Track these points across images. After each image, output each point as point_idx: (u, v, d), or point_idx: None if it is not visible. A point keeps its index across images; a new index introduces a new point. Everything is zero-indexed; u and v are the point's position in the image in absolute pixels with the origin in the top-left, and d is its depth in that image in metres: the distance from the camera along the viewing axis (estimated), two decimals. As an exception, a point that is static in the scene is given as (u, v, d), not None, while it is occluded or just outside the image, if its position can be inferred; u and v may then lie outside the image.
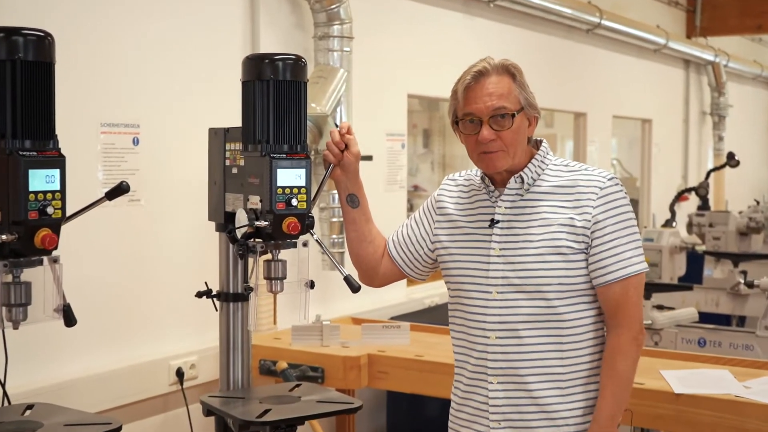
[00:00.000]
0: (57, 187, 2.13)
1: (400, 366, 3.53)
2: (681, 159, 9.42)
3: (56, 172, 2.13)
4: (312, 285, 2.58)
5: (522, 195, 2.32)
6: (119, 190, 2.35)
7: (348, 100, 4.11)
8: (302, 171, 2.49)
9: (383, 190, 4.81)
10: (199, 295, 2.90)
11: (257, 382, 3.29)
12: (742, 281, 5.54)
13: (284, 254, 2.59)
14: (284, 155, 2.48)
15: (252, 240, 2.53)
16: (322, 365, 3.55)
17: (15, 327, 2.17)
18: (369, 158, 4.10)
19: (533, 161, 2.33)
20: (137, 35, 3.43)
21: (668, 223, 6.20)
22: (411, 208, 6.19)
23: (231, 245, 2.77)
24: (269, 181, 2.46)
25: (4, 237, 2.07)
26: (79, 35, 3.21)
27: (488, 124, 2.25)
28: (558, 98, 6.82)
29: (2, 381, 2.62)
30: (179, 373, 3.51)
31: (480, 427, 2.33)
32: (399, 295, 4.93)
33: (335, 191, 2.52)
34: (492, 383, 2.30)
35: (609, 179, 2.28)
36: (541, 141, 2.39)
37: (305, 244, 2.59)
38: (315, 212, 3.68)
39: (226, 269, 2.90)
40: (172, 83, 3.58)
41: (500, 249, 2.30)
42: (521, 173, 2.32)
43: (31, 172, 2.08)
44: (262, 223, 2.48)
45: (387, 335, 3.76)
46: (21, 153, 2.08)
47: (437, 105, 7.91)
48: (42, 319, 2.23)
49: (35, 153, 2.10)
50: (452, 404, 2.44)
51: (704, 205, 7.03)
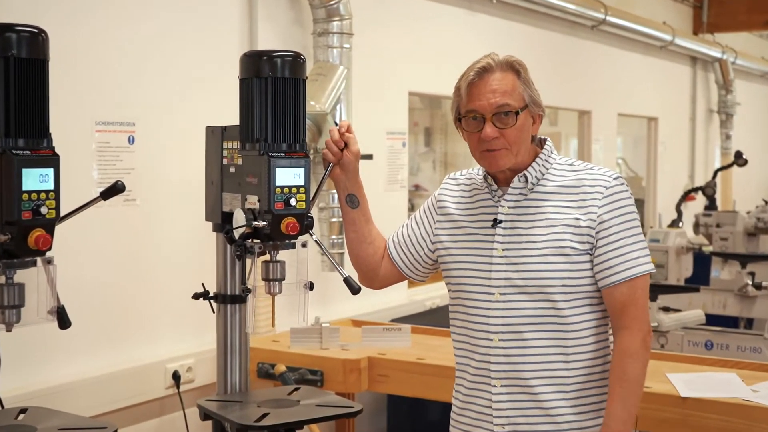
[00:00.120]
0: (51, 187, 2.13)
1: (401, 369, 3.53)
2: (687, 158, 9.41)
3: (50, 172, 2.13)
4: (311, 286, 2.57)
5: (526, 194, 2.32)
6: (114, 190, 2.35)
7: (348, 98, 4.11)
8: (301, 170, 2.49)
9: (384, 190, 4.81)
10: (196, 297, 2.90)
11: (255, 386, 3.29)
12: (750, 283, 5.54)
13: (283, 255, 2.59)
14: (283, 154, 2.48)
15: (250, 240, 2.53)
16: (322, 368, 3.55)
17: (8, 329, 2.17)
18: (369, 157, 4.10)
19: (537, 160, 2.33)
20: (133, 31, 3.43)
21: (674, 224, 6.19)
22: (412, 208, 6.19)
23: (228, 246, 2.77)
24: (267, 181, 2.46)
25: (-3, 237, 2.07)
26: (74, 31, 3.21)
27: (491, 122, 2.25)
28: (562, 96, 6.81)
29: (-5, 384, 2.62)
30: (176, 377, 3.51)
31: (483, 432, 2.33)
32: (400, 297, 4.93)
33: (335, 191, 2.52)
34: (495, 386, 2.29)
35: (614, 179, 2.28)
36: (545, 139, 2.39)
37: (304, 245, 2.59)
38: (314, 212, 3.68)
39: (224, 270, 2.90)
40: (169, 81, 3.58)
41: (503, 249, 2.30)
42: (525, 172, 2.31)
43: (25, 172, 2.08)
44: (260, 224, 2.48)
45: (387, 338, 3.76)
46: (14, 152, 2.08)
47: (439, 102, 7.91)
48: (36, 321, 2.23)
49: (29, 152, 2.10)
50: (453, 408, 2.44)
51: (711, 205, 7.02)
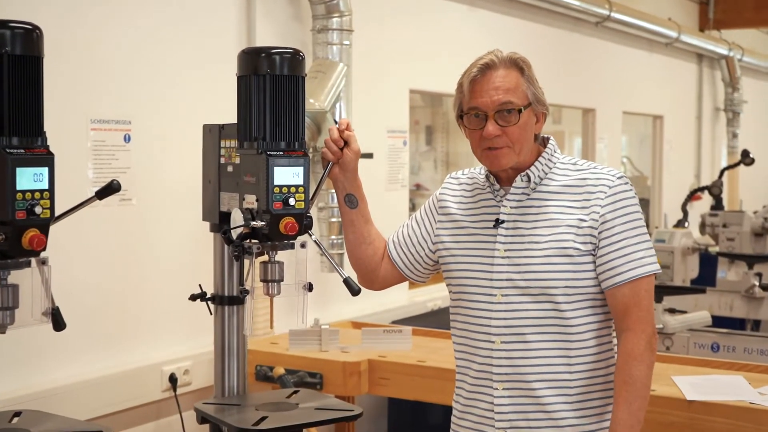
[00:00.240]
0: (45, 186, 2.13)
1: (402, 372, 3.53)
2: (694, 157, 9.42)
3: (44, 171, 2.13)
4: (310, 288, 2.57)
5: (528, 194, 2.32)
6: (110, 189, 2.35)
7: (347, 96, 4.11)
8: (300, 169, 2.49)
9: (384, 190, 4.81)
10: (193, 298, 2.90)
11: (253, 389, 3.29)
12: (757, 284, 5.55)
13: (281, 256, 2.59)
14: (281, 153, 2.47)
15: (248, 241, 2.53)
16: (321, 371, 3.55)
17: (2, 331, 2.17)
18: (369, 156, 4.11)
19: (540, 159, 2.33)
20: (129, 27, 3.43)
21: (680, 224, 6.19)
22: (413, 208, 6.19)
23: (226, 246, 2.77)
24: (266, 180, 2.46)
25: (-9, 238, 2.08)
26: (69, 28, 3.21)
27: (494, 119, 2.25)
28: (566, 94, 6.82)
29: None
30: (172, 379, 3.51)
31: (485, 435, 2.33)
32: (400, 298, 4.94)
33: (334, 190, 2.52)
34: (497, 389, 2.30)
35: (618, 178, 2.28)
36: (549, 138, 2.39)
37: (303, 246, 2.58)
38: (313, 212, 3.68)
39: (221, 271, 2.90)
40: (165, 78, 3.58)
41: (505, 250, 2.30)
42: (528, 171, 2.31)
43: (19, 171, 2.08)
44: (259, 224, 2.48)
45: (388, 340, 3.76)
46: (8, 151, 2.08)
47: (440, 100, 7.92)
48: (30, 323, 2.23)
49: (23, 150, 2.10)
50: (454, 411, 2.44)
51: (718, 205, 7.01)
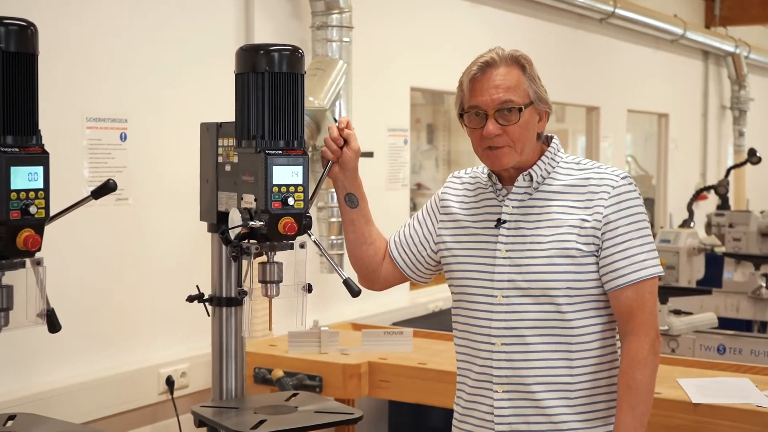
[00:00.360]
0: (40, 186, 2.13)
1: (403, 374, 3.53)
2: (699, 156, 9.41)
3: (39, 170, 2.13)
4: (309, 289, 2.57)
5: (531, 194, 2.32)
6: (106, 189, 2.36)
7: (347, 94, 4.11)
8: (299, 168, 2.49)
9: (384, 189, 4.81)
10: (191, 300, 2.90)
11: (252, 392, 3.30)
12: (764, 285, 5.54)
13: (280, 256, 2.59)
14: (280, 152, 2.48)
15: (246, 241, 2.53)
16: (320, 373, 3.55)
17: (-4, 333, 2.17)
18: (369, 155, 4.11)
19: (543, 158, 2.33)
20: (125, 25, 3.43)
21: (686, 224, 6.19)
22: (414, 208, 6.19)
23: (224, 247, 2.77)
24: (264, 179, 2.46)
25: (-15, 238, 2.08)
26: (64, 25, 3.21)
27: (494, 118, 2.25)
28: (569, 91, 6.82)
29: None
30: (169, 382, 3.51)
31: (485, 438, 2.33)
32: (401, 300, 4.94)
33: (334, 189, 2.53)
34: (497, 392, 2.30)
35: (622, 178, 2.28)
36: (552, 137, 2.39)
37: (302, 246, 2.59)
38: (313, 212, 3.68)
39: (219, 272, 2.90)
40: (162, 76, 3.58)
41: (506, 251, 2.30)
42: (530, 171, 2.32)
43: (13, 170, 2.08)
44: (257, 224, 2.48)
45: (389, 342, 3.76)
46: (2, 149, 2.08)
47: (442, 98, 7.91)
48: (24, 325, 2.23)
49: (17, 149, 2.10)
50: (455, 414, 2.44)
51: (724, 205, 7.01)
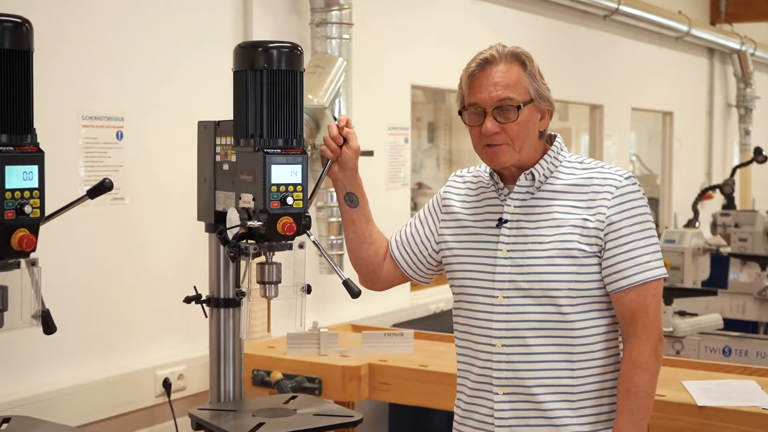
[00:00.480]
0: (35, 185, 2.13)
1: (403, 377, 3.53)
2: (704, 154, 9.41)
3: (34, 169, 2.13)
4: (309, 290, 2.57)
5: (533, 193, 2.32)
6: (102, 188, 2.36)
7: (347, 92, 4.11)
8: (298, 167, 2.49)
9: (385, 188, 4.81)
10: (188, 301, 2.90)
11: (250, 394, 3.29)
12: (770, 285, 5.54)
13: (279, 257, 2.59)
14: (279, 150, 2.47)
15: (244, 241, 2.53)
16: (320, 376, 3.55)
17: (-10, 334, 2.17)
18: (370, 154, 4.11)
19: (546, 157, 2.33)
20: (122, 21, 3.43)
21: (691, 224, 6.19)
22: (415, 207, 6.19)
23: (222, 247, 2.77)
24: (263, 178, 2.46)
25: (-21, 238, 2.07)
26: (60, 22, 3.21)
27: (492, 116, 2.25)
28: (572, 89, 6.82)
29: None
30: (166, 384, 3.51)
31: (486, 440, 2.33)
32: (402, 301, 4.94)
33: (334, 189, 2.53)
34: (497, 394, 2.30)
35: (626, 178, 2.28)
36: (556, 136, 2.39)
37: (301, 246, 2.58)
38: (312, 212, 3.68)
39: (217, 273, 2.90)
40: (159, 73, 3.58)
41: (508, 251, 2.30)
42: (532, 170, 2.31)
43: (8, 169, 2.08)
44: (256, 224, 2.48)
45: (389, 343, 3.76)
46: (-3, 148, 2.08)
47: (443, 96, 7.91)
48: (19, 326, 2.23)
49: (12, 148, 2.10)
50: (455, 417, 2.44)
51: (729, 204, 7.01)
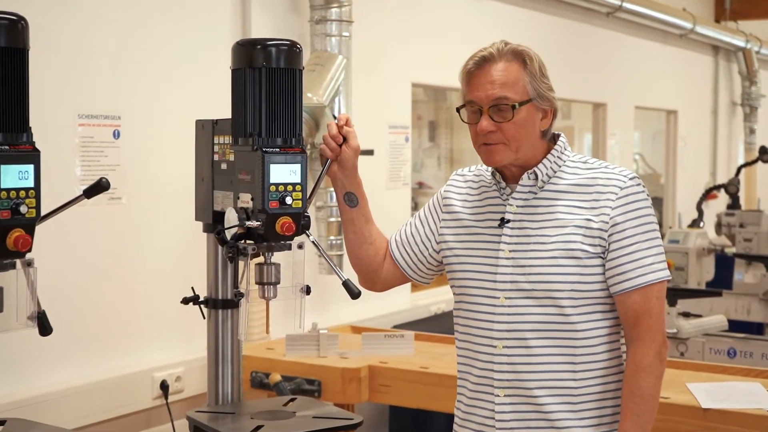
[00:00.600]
0: (31, 184, 2.13)
1: (404, 378, 3.53)
2: (709, 154, 9.41)
3: (30, 168, 2.13)
4: (308, 290, 2.58)
5: (536, 193, 2.32)
6: (98, 188, 2.36)
7: (347, 90, 4.11)
8: (297, 167, 2.49)
9: (385, 188, 4.81)
10: (186, 302, 2.90)
11: (248, 396, 3.30)
12: (776, 286, 5.54)
13: (278, 257, 2.59)
14: (278, 149, 2.48)
15: (243, 241, 2.53)
16: (319, 378, 3.55)
17: (-15, 336, 2.18)
18: (370, 153, 4.11)
19: (549, 157, 2.33)
20: (118, 19, 3.43)
21: (695, 224, 6.19)
22: (415, 207, 6.19)
23: (220, 247, 2.77)
24: (261, 178, 2.46)
25: (-26, 238, 2.08)
26: (56, 19, 3.21)
27: (488, 114, 2.25)
28: (575, 87, 6.81)
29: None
30: (164, 386, 3.51)
31: (486, 443, 2.33)
32: (402, 302, 4.94)
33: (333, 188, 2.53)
34: (498, 396, 2.30)
35: (630, 179, 2.28)
36: (559, 135, 2.39)
37: (300, 246, 2.59)
38: (311, 211, 3.69)
39: (215, 273, 2.90)
40: (157, 71, 3.58)
41: (510, 251, 2.30)
42: (535, 169, 2.31)
43: (3, 168, 2.09)
44: (254, 224, 2.48)
45: (389, 345, 3.76)
46: (-8, 147, 2.08)
47: (444, 95, 7.91)
48: (15, 328, 2.23)
49: (7, 147, 2.10)
50: (456, 419, 2.44)
51: (734, 204, 7.02)
